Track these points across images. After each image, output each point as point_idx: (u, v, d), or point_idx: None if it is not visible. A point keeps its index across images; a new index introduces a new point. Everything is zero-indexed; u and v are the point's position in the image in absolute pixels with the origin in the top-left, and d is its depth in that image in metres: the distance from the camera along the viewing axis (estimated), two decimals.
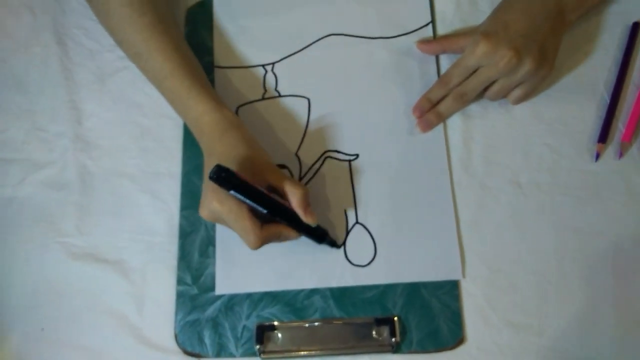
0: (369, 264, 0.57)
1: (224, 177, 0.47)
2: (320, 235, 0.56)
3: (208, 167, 0.52)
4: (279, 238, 0.53)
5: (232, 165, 0.50)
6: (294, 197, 0.51)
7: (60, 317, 0.57)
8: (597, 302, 0.55)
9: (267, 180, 0.52)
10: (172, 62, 0.55)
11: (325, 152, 0.61)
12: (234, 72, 0.64)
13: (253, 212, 0.50)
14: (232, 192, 0.48)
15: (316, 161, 0.61)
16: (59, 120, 0.63)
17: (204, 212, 0.51)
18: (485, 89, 0.59)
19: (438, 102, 0.60)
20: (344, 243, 0.58)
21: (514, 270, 0.56)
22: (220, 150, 0.53)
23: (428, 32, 0.64)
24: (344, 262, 0.57)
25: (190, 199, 0.59)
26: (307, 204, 0.52)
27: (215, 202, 0.50)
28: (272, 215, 0.51)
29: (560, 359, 0.54)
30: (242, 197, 0.49)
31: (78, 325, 0.57)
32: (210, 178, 0.47)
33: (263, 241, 0.51)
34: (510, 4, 0.57)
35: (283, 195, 0.52)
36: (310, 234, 0.55)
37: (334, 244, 0.57)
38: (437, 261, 0.57)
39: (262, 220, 0.51)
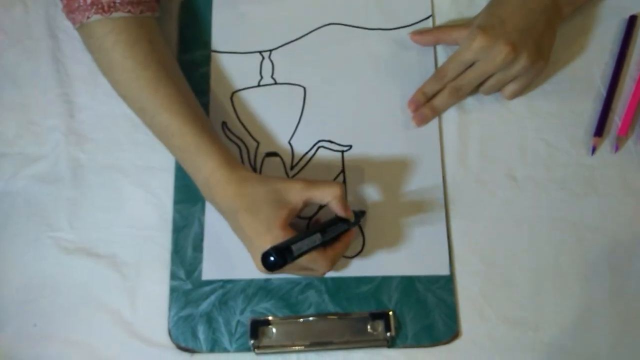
0: (356, 255, 0.57)
1: (279, 257, 0.44)
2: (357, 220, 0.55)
3: (243, 224, 0.50)
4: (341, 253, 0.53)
5: (266, 211, 0.49)
6: (333, 195, 0.51)
7: (52, 313, 0.56)
8: (594, 297, 0.55)
9: (300, 198, 0.51)
10: (180, 118, 0.53)
11: (319, 141, 0.60)
12: (230, 58, 0.63)
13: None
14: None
15: (309, 150, 0.60)
16: (51, 114, 0.62)
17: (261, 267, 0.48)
18: (480, 83, 0.58)
19: (433, 96, 0.60)
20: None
21: (510, 264, 0.56)
22: (243, 204, 0.50)
23: (428, 25, 0.64)
24: None
25: (183, 193, 0.59)
26: (345, 200, 0.52)
27: (269, 245, 0.46)
28: (323, 240, 0.50)
29: (556, 354, 0.54)
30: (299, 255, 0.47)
31: (71, 320, 0.56)
32: (272, 267, 0.44)
33: (332, 259, 0.51)
34: None
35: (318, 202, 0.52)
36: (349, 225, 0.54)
37: (362, 213, 0.57)
38: (426, 256, 0.57)
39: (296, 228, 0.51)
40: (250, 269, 0.55)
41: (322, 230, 0.49)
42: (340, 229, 0.52)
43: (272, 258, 0.43)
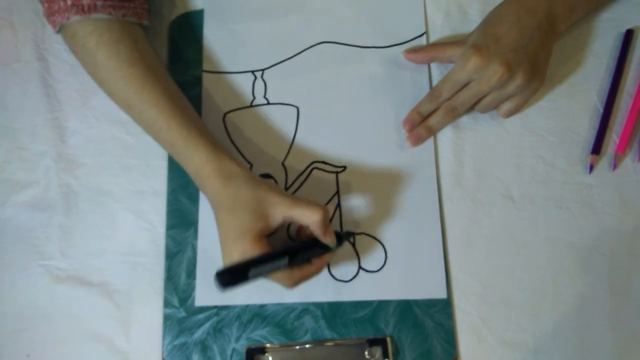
0: (351, 279, 0.56)
1: (233, 278, 0.44)
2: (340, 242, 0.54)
3: (221, 222, 0.50)
4: (311, 275, 0.52)
5: (242, 217, 0.49)
6: (313, 220, 0.50)
7: (45, 343, 0.55)
8: (593, 318, 0.55)
9: (280, 214, 0.50)
10: (167, 112, 0.53)
11: (313, 162, 0.60)
12: (222, 78, 0.62)
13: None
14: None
15: (303, 172, 0.59)
16: (41, 139, 0.61)
17: (227, 263, 0.49)
18: (476, 101, 0.57)
19: (428, 116, 0.59)
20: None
21: (508, 286, 0.56)
22: (226, 202, 0.50)
23: (422, 42, 0.63)
24: (327, 277, 0.56)
25: (176, 218, 0.58)
26: (327, 225, 0.51)
27: (237, 253, 0.48)
28: (291, 261, 0.49)
29: None
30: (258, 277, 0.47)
31: (64, 350, 0.55)
32: (225, 287, 0.44)
33: (296, 280, 0.50)
34: (500, 16, 0.56)
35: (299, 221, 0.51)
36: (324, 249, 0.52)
37: (349, 235, 0.56)
38: (423, 279, 0.56)
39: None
40: (244, 295, 0.55)
41: (292, 253, 0.48)
42: (315, 252, 0.51)
43: (220, 281, 0.43)
